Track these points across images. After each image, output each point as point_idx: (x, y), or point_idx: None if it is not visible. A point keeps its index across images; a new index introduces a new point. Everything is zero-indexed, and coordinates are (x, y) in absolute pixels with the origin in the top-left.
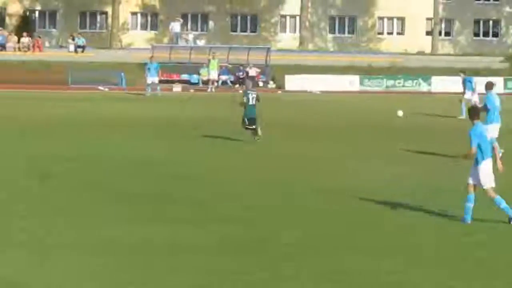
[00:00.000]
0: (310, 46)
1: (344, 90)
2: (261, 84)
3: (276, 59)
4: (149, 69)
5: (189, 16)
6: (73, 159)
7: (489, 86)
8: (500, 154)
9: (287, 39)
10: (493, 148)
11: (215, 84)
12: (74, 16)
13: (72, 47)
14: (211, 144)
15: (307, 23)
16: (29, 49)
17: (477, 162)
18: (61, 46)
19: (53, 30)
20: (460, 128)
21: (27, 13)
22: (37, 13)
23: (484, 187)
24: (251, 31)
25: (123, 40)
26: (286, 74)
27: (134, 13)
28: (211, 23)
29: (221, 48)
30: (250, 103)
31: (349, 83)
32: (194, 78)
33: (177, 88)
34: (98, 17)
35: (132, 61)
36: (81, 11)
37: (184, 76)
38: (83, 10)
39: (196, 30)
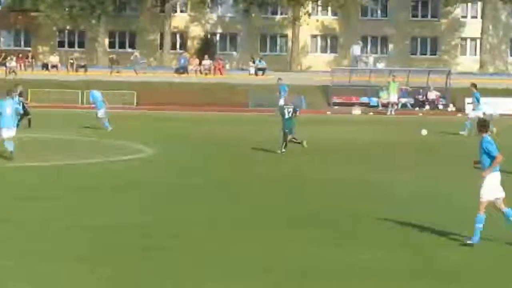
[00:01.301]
0: (491, 69)
1: None
2: (440, 107)
3: (456, 82)
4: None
5: (369, 38)
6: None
7: None
8: None
9: (467, 62)
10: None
11: (395, 107)
12: (255, 39)
13: (252, 70)
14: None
15: (487, 46)
16: (210, 71)
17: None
18: (241, 69)
19: (234, 52)
20: None
21: (209, 36)
22: (218, 36)
23: (491, 199)
24: (431, 54)
25: (303, 63)
26: (466, 97)
27: (314, 36)
28: (391, 46)
29: (401, 71)
30: (286, 116)
31: None
32: (373, 101)
33: (356, 111)
34: (278, 40)
35: (312, 84)
36: (261, 34)
37: (364, 99)
38: (264, 33)
39: (376, 52)
